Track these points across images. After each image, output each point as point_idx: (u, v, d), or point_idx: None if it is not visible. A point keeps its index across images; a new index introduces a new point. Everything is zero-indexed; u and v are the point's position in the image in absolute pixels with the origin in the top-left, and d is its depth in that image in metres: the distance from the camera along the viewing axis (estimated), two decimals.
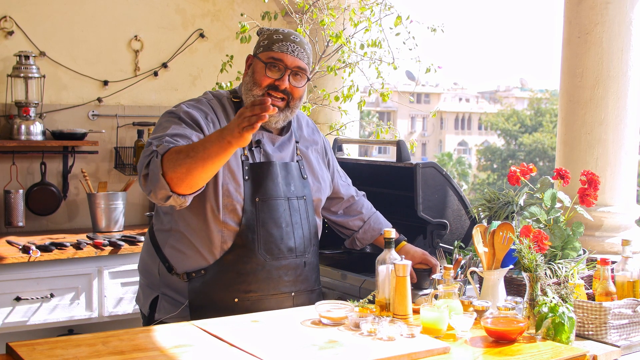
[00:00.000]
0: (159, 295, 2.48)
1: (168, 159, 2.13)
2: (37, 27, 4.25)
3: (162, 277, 2.47)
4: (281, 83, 2.40)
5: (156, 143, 2.21)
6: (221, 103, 2.47)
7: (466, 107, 44.99)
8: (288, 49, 2.41)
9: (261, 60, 2.42)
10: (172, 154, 2.14)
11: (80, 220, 4.40)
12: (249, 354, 1.92)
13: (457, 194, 3.09)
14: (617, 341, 2.14)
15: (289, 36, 2.44)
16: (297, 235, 2.47)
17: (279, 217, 2.43)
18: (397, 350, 1.95)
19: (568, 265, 2.37)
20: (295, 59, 2.41)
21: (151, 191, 2.17)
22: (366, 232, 2.79)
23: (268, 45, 2.43)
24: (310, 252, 2.53)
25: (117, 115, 4.49)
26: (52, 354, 1.89)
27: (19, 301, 3.60)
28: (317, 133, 2.72)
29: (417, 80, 6.11)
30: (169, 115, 2.38)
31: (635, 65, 3.18)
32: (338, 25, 4.15)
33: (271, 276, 2.41)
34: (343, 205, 2.79)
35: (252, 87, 2.42)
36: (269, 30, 2.48)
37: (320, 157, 2.68)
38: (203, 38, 4.73)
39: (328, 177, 2.69)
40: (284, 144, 2.53)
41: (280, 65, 2.40)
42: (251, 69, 2.46)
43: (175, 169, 2.11)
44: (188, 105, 2.40)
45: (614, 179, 3.19)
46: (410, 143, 3.79)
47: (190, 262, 2.40)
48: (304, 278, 2.51)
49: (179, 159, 2.12)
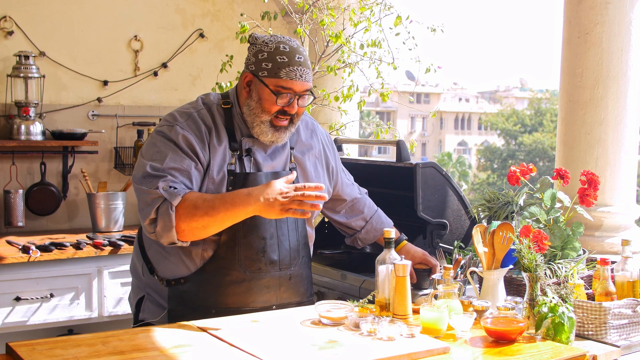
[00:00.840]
0: (144, 295, 2.48)
1: (183, 213, 2.19)
2: (37, 27, 4.25)
3: (146, 278, 2.47)
4: (290, 109, 2.34)
5: (163, 185, 2.20)
6: (211, 112, 2.39)
7: (466, 107, 45.00)
8: (296, 75, 2.31)
9: (268, 87, 2.31)
10: (189, 209, 2.19)
11: (80, 220, 4.40)
12: (249, 354, 1.92)
13: (457, 194, 3.09)
14: (617, 341, 2.14)
15: (293, 57, 2.32)
16: (283, 247, 2.41)
17: (263, 229, 2.37)
18: (397, 350, 1.95)
19: (568, 265, 2.37)
20: (303, 83, 2.33)
21: (155, 234, 2.23)
22: (368, 232, 2.77)
23: (273, 70, 2.30)
24: (298, 264, 2.46)
25: (117, 115, 4.49)
26: (51, 354, 1.89)
27: (18, 301, 3.60)
28: (315, 136, 2.61)
29: (417, 80, 6.11)
30: (163, 137, 2.31)
31: (635, 65, 3.18)
32: (338, 25, 4.15)
33: (251, 290, 2.35)
34: (346, 206, 2.76)
35: (260, 114, 2.33)
36: (267, 46, 2.33)
37: (318, 161, 2.59)
38: (203, 38, 4.73)
39: (326, 182, 2.61)
40: (277, 152, 2.46)
41: (289, 93, 2.32)
42: (255, 92, 2.34)
43: (191, 224, 2.20)
44: (182, 126, 2.32)
45: (613, 179, 3.19)
46: (410, 143, 3.79)
47: (172, 268, 2.37)
48: (289, 291, 2.44)
49: (196, 215, 2.18)
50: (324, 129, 2.73)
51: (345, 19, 4.18)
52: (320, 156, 2.61)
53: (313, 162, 2.57)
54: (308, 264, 2.55)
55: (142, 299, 2.48)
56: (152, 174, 2.24)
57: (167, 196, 2.19)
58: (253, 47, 2.37)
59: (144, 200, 2.25)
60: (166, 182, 2.22)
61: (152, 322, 2.40)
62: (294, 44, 2.36)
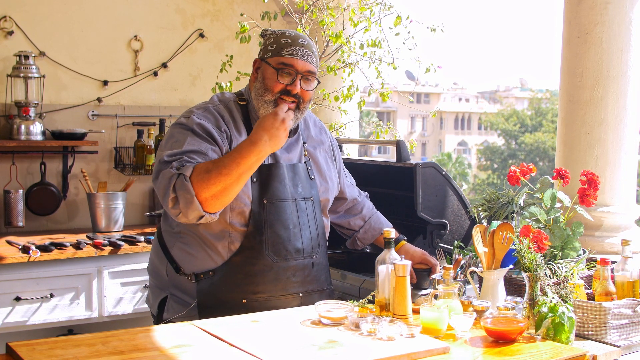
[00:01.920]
0: (167, 295, 2.49)
1: (198, 179, 2.17)
2: (37, 27, 4.25)
3: (170, 278, 2.48)
4: (293, 88, 2.39)
5: (176, 165, 2.21)
6: (228, 107, 2.46)
7: (466, 107, 45.00)
8: (298, 54, 2.39)
9: (271, 65, 2.39)
10: (202, 174, 2.18)
11: (80, 220, 4.40)
12: (249, 354, 1.92)
13: (457, 194, 3.09)
14: (617, 341, 2.14)
15: (296, 39, 2.41)
16: (305, 236, 2.48)
17: (286, 218, 2.44)
18: (397, 350, 1.95)
19: (568, 265, 2.37)
20: (305, 63, 2.40)
21: (181, 213, 2.20)
22: (367, 231, 2.80)
23: (277, 49, 2.40)
24: (319, 253, 2.54)
25: (117, 115, 4.49)
26: (51, 354, 1.89)
27: (18, 301, 3.60)
28: (324, 132, 2.71)
29: (417, 80, 6.12)
30: (180, 127, 2.37)
31: (635, 65, 3.18)
32: (338, 25, 4.15)
33: (279, 277, 2.42)
34: (345, 206, 2.80)
35: (264, 93, 2.40)
36: (274, 33, 2.45)
37: (328, 156, 2.67)
38: (203, 38, 4.73)
39: (336, 177, 2.69)
40: (292, 145, 2.53)
41: (291, 70, 2.38)
42: (260, 74, 2.43)
43: (210, 189, 2.18)
44: (198, 116, 2.38)
45: (613, 179, 3.19)
46: (410, 143, 3.79)
47: (199, 264, 2.41)
48: (312, 278, 2.52)
49: (211, 178, 2.17)
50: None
51: (345, 19, 4.18)
52: (329, 151, 2.69)
53: (324, 156, 2.65)
54: (326, 253, 2.61)
55: (164, 299, 2.50)
56: (168, 160, 2.26)
57: (178, 171, 2.19)
58: (264, 40, 2.48)
59: (162, 185, 2.22)
60: (180, 162, 2.23)
61: (175, 318, 2.42)
62: (301, 34, 2.47)
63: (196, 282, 2.40)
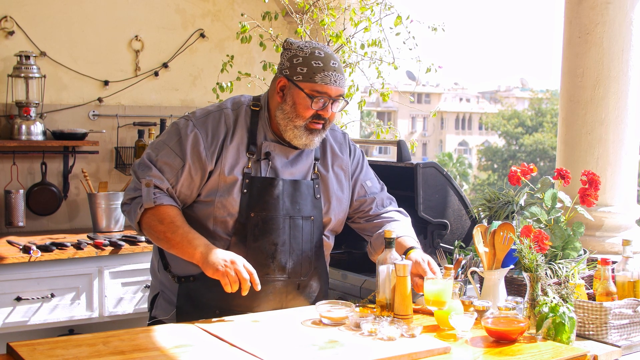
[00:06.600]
0: (159, 292, 2.50)
1: (148, 219, 2.31)
2: (37, 27, 4.25)
3: (160, 274, 2.49)
4: (324, 113, 2.34)
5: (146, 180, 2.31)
6: (237, 112, 2.40)
7: (467, 107, 44.99)
8: (331, 80, 2.31)
9: (303, 91, 2.31)
10: (154, 219, 2.30)
11: (81, 220, 4.40)
12: (249, 353, 1.92)
13: (458, 194, 3.09)
14: (618, 341, 2.14)
15: (328, 62, 2.32)
16: (294, 255, 2.39)
17: (275, 235, 2.36)
18: (398, 350, 1.95)
19: (568, 265, 2.37)
20: (338, 88, 2.33)
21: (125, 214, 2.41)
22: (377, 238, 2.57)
23: (308, 74, 2.30)
24: (310, 275, 2.44)
25: (118, 115, 4.49)
26: (52, 354, 1.89)
27: (19, 301, 3.60)
28: (344, 148, 2.56)
29: (418, 80, 6.11)
30: (175, 130, 2.38)
31: (636, 65, 3.18)
32: (338, 25, 4.15)
33: (256, 294, 2.28)
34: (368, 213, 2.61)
35: (295, 119, 2.33)
36: (301, 50, 2.34)
37: (344, 173, 2.54)
38: (203, 38, 4.73)
39: (347, 199, 2.54)
40: (299, 159, 2.44)
41: (324, 97, 2.32)
42: (290, 97, 2.33)
43: (149, 231, 2.33)
44: (196, 124, 2.36)
45: (614, 179, 3.19)
46: (410, 143, 3.79)
47: (184, 265, 2.38)
48: (296, 300, 2.43)
49: (156, 229, 2.30)
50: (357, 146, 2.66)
51: (345, 19, 4.17)
52: (346, 168, 2.56)
53: (338, 173, 2.53)
54: (322, 275, 2.51)
55: (156, 296, 2.50)
56: (146, 163, 2.35)
57: (144, 196, 2.30)
58: (287, 52, 2.37)
59: (132, 182, 2.39)
60: (151, 178, 2.31)
61: (163, 319, 2.42)
62: (328, 50, 2.38)
63: (178, 285, 2.39)
